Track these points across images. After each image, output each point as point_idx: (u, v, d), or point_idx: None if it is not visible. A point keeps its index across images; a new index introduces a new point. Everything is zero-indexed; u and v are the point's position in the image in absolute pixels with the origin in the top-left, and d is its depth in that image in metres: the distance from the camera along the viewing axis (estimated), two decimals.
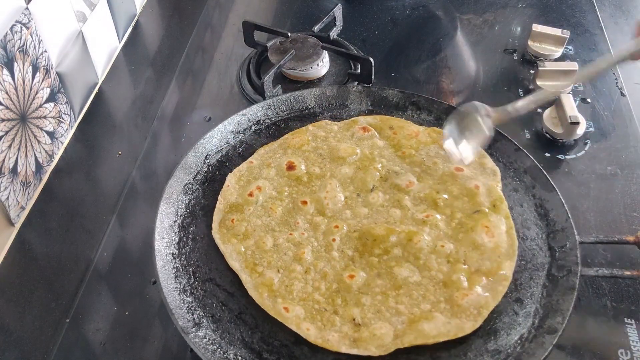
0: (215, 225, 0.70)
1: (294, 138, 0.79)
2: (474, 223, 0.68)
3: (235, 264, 0.67)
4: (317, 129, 0.81)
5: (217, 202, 0.72)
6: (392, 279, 0.64)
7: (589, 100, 0.94)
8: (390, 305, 0.62)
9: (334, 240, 0.68)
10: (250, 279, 0.65)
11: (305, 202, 0.72)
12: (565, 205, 0.68)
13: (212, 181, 0.76)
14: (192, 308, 0.63)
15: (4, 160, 0.75)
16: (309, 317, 0.62)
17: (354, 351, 0.59)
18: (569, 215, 0.68)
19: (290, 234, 0.69)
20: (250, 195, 0.72)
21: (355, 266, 0.66)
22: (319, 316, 0.62)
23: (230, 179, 0.75)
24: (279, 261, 0.67)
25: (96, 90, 0.99)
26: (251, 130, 0.82)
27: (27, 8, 0.78)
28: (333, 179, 0.74)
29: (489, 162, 0.76)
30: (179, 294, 0.64)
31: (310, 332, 0.60)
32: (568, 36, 1.00)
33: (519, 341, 0.60)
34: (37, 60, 0.81)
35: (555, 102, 0.90)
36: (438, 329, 0.60)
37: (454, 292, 0.63)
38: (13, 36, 0.75)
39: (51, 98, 0.85)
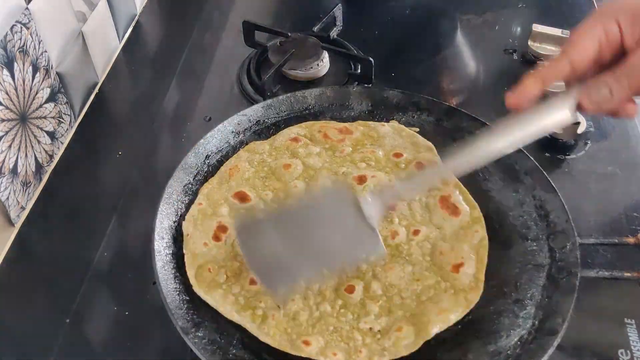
0: (193, 281, 0.64)
1: (230, 169, 0.75)
2: (434, 200, 0.71)
3: (233, 315, 0.62)
4: (250, 153, 0.78)
5: (185, 256, 0.67)
6: (387, 278, 0.64)
7: None
8: (397, 304, 0.62)
9: None
10: (256, 325, 0.61)
11: None
12: (565, 207, 0.68)
13: None
14: (192, 308, 0.63)
15: (4, 160, 0.75)
16: (330, 342, 0.60)
17: (386, 359, 0.58)
18: (569, 216, 0.68)
19: None
20: (217, 239, 0.68)
21: (348, 276, 0.65)
22: (339, 337, 0.60)
23: (187, 227, 0.69)
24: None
25: (96, 90, 0.99)
26: (251, 130, 0.82)
27: (27, 8, 0.78)
28: (289, 199, 0.72)
29: (421, 139, 0.79)
30: (178, 295, 0.63)
31: (338, 356, 0.59)
32: (568, 36, 1.00)
33: (518, 342, 0.60)
34: (37, 60, 0.81)
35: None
36: (448, 305, 0.61)
37: (447, 267, 0.64)
38: (13, 36, 0.75)
39: (51, 98, 0.85)
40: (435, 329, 0.60)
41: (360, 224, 0.60)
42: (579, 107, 0.57)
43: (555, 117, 0.58)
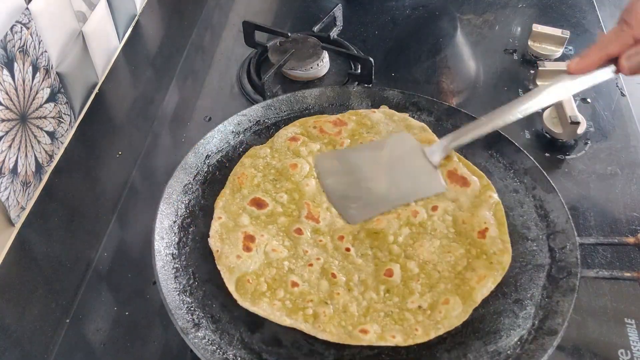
0: (236, 295, 0.63)
1: (239, 177, 0.74)
2: (442, 176, 0.73)
3: (285, 320, 0.61)
4: (253, 159, 0.77)
5: (221, 272, 0.65)
6: (419, 256, 0.66)
7: (589, 100, 0.94)
8: (436, 277, 0.64)
9: (348, 250, 0.67)
10: (310, 325, 0.61)
11: (299, 230, 0.69)
12: (565, 207, 0.68)
13: (212, 181, 0.76)
14: (192, 308, 0.63)
15: (4, 161, 0.75)
16: (385, 327, 0.61)
17: (441, 332, 0.60)
18: (569, 216, 0.68)
19: (310, 265, 0.66)
20: (248, 249, 0.66)
21: (383, 261, 0.66)
22: (392, 321, 0.62)
23: (215, 244, 0.68)
24: (320, 294, 0.64)
25: (96, 90, 0.99)
26: (251, 130, 0.82)
27: (27, 8, 0.78)
28: (304, 197, 0.72)
29: (413, 121, 0.80)
30: (178, 295, 0.63)
31: (397, 339, 0.60)
32: (568, 36, 1.00)
33: (518, 342, 0.60)
34: (37, 60, 0.81)
35: (555, 102, 0.90)
36: (485, 272, 0.64)
37: (474, 235, 0.67)
38: (13, 36, 0.75)
39: (51, 98, 0.85)
40: (480, 295, 0.62)
41: (422, 165, 0.73)
42: (618, 69, 0.66)
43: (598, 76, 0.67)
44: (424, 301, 0.62)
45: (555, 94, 0.70)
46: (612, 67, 0.66)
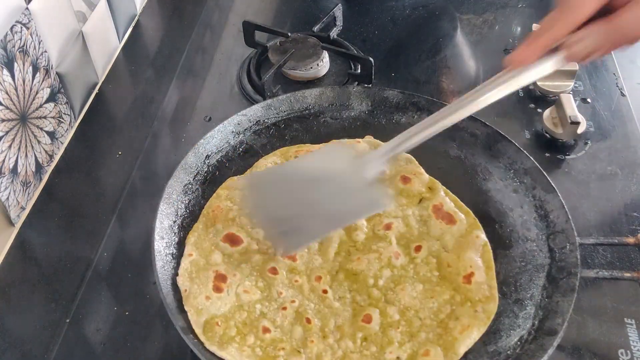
0: (203, 338, 0.60)
1: (213, 210, 0.71)
2: (427, 211, 0.70)
3: None
4: (229, 190, 0.73)
5: (188, 313, 0.61)
6: (400, 301, 0.63)
7: (589, 100, 0.94)
8: (418, 325, 0.61)
9: (325, 292, 0.64)
10: None
11: (274, 270, 0.65)
12: (565, 207, 0.68)
13: (212, 181, 0.76)
14: None
15: (4, 161, 0.75)
16: None
17: None
18: (569, 216, 0.67)
19: (284, 309, 0.62)
20: (218, 290, 0.63)
21: (362, 305, 0.63)
22: None
23: (183, 282, 0.64)
24: (293, 342, 0.60)
25: (96, 90, 0.99)
26: (251, 130, 0.82)
27: (27, 8, 0.78)
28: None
29: None
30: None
31: None
32: None
33: (518, 342, 0.60)
34: (37, 60, 0.81)
35: (555, 102, 0.90)
36: (470, 321, 0.60)
37: (459, 279, 0.64)
38: (13, 36, 0.75)
39: (51, 98, 0.85)
40: (463, 347, 0.59)
41: (361, 181, 0.64)
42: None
43: (539, 70, 0.58)
44: (403, 352, 0.59)
45: (501, 90, 0.63)
46: (560, 55, 0.56)
